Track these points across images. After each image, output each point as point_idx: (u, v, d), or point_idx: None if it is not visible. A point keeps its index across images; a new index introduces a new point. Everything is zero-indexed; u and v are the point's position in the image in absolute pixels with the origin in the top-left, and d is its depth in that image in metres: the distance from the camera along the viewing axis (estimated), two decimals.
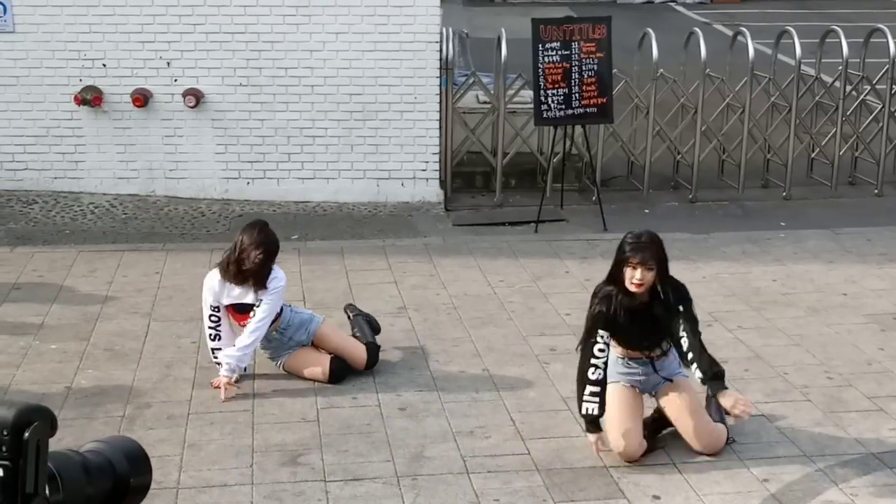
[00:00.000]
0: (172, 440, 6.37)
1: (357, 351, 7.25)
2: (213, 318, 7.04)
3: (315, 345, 7.23)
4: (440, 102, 11.47)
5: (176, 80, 11.29)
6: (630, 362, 6.23)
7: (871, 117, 12.57)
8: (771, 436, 6.46)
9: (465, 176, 12.13)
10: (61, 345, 7.71)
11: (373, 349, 7.31)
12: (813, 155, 12.65)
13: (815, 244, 10.13)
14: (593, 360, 6.05)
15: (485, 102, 11.95)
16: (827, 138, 12.35)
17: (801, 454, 6.25)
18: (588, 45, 10.72)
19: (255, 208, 11.22)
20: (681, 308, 6.04)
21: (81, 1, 11.09)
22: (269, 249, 6.91)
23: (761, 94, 12.41)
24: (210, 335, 7.08)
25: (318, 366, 7.12)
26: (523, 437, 6.44)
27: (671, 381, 6.23)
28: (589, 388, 6.05)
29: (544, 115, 10.72)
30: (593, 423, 6.12)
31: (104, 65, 11.25)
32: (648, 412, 6.41)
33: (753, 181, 12.23)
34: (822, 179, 12.38)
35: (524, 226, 10.88)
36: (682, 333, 5.98)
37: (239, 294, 6.97)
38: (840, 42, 11.88)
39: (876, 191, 12.20)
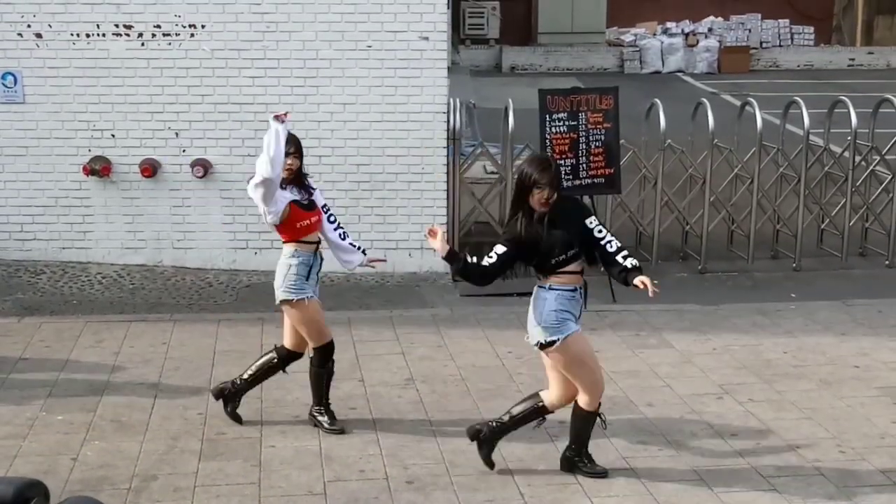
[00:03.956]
0: None
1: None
2: None
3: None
4: (447, 173, 11.48)
5: (184, 151, 11.34)
6: (574, 293, 6.70)
7: (881, 188, 12.57)
8: None
9: (473, 246, 12.09)
10: (68, 416, 7.65)
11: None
12: (823, 226, 12.62)
13: (826, 316, 10.07)
14: (487, 256, 6.70)
15: (492, 173, 11.95)
16: (837, 209, 12.33)
17: None
18: (595, 115, 10.74)
19: (262, 278, 11.19)
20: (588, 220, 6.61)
21: (91, 73, 11.17)
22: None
23: (770, 164, 12.42)
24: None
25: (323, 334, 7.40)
26: None
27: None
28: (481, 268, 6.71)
29: None
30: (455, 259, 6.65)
31: (113, 135, 11.30)
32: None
33: (763, 252, 12.20)
34: (833, 250, 12.35)
35: None
36: (600, 228, 6.58)
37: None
38: (849, 112, 11.89)
39: (887, 262, 12.15)
